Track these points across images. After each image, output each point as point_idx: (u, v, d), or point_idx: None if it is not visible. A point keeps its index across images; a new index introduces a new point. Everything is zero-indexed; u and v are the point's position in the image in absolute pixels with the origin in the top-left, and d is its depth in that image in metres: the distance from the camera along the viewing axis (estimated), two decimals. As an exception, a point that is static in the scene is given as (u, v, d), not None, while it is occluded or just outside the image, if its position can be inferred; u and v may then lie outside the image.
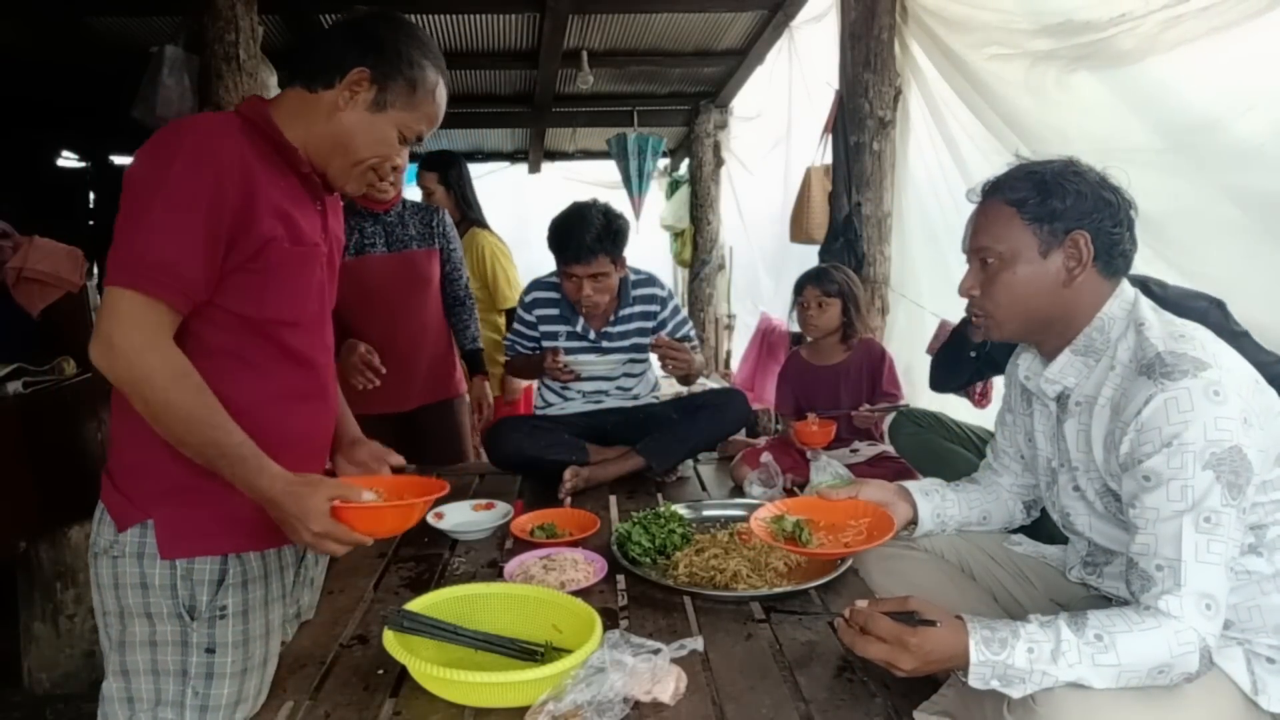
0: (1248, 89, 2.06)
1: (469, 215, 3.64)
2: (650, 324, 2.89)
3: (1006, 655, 1.16)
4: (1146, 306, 1.35)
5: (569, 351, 2.87)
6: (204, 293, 1.33)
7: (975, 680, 1.17)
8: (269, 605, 1.49)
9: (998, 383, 2.55)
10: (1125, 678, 1.14)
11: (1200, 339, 1.25)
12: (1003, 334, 1.43)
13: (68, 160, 7.06)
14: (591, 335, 2.85)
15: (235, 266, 1.35)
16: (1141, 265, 2.27)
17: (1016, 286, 1.35)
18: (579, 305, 2.76)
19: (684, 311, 3.03)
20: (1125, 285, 1.38)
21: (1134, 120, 2.40)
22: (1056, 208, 1.31)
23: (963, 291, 1.43)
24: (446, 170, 3.61)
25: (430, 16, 4.89)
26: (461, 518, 2.39)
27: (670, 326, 2.91)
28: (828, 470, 2.60)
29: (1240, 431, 1.16)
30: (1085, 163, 1.37)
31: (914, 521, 1.63)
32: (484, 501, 2.49)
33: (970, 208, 1.47)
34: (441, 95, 1.49)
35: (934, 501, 1.63)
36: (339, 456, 1.64)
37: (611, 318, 2.85)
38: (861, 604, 1.31)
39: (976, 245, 1.40)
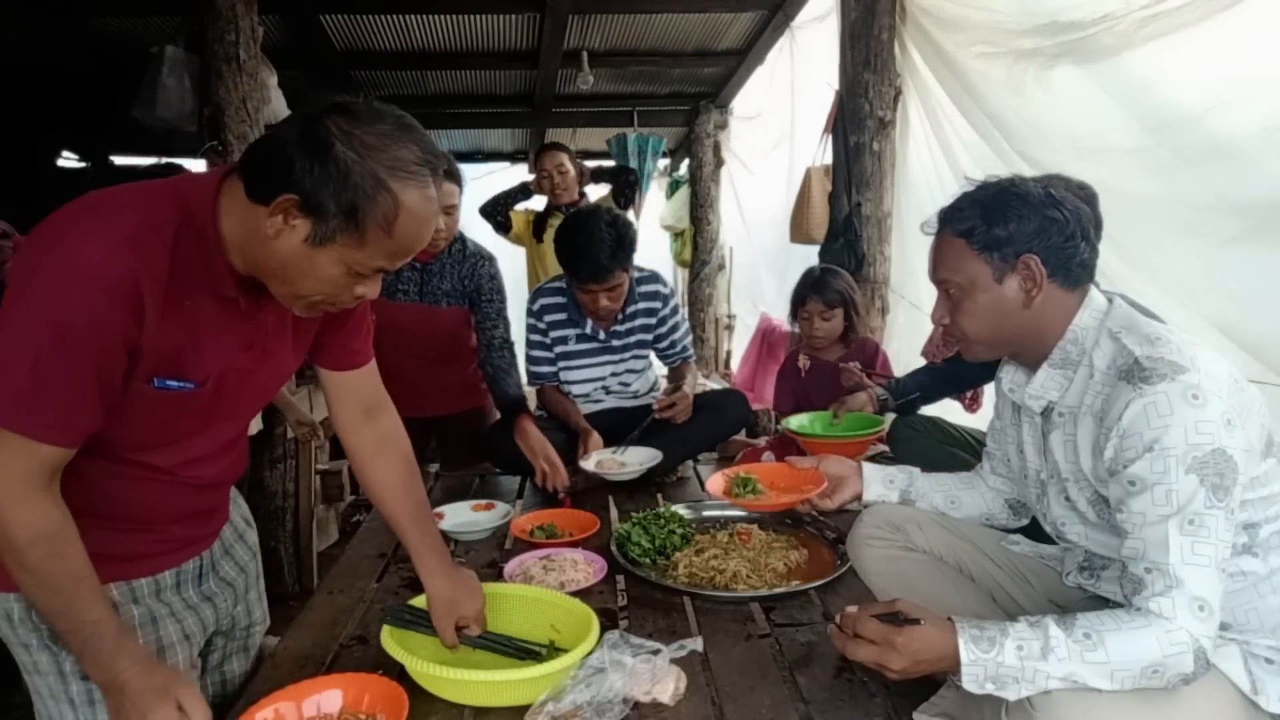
0: (1217, 85, 2.07)
1: None
2: (653, 320, 2.91)
3: (996, 653, 1.16)
4: (1122, 311, 1.36)
5: (579, 354, 2.88)
6: (97, 427, 1.18)
7: (969, 683, 1.17)
8: (156, 623, 1.40)
9: (989, 389, 2.60)
10: (1120, 677, 1.14)
11: (1176, 342, 1.26)
12: (977, 356, 1.47)
13: (68, 160, 7.05)
14: (601, 336, 2.86)
15: None
16: (1113, 260, 2.28)
17: (979, 313, 1.39)
18: (595, 315, 2.77)
19: (683, 312, 3.03)
20: (1095, 293, 1.39)
21: (1108, 117, 2.42)
22: (1000, 235, 1.33)
23: (935, 320, 1.48)
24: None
25: (430, 17, 4.89)
26: (461, 518, 2.39)
27: (668, 326, 2.92)
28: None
29: (1223, 433, 1.17)
30: (1029, 181, 1.39)
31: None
32: (484, 502, 2.49)
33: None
34: (414, 223, 1.16)
35: (886, 470, 1.71)
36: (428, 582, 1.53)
37: (619, 316, 2.86)
38: (851, 610, 1.32)
39: (938, 277, 1.44)
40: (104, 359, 1.13)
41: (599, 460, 2.64)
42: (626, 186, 4.39)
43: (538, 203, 4.33)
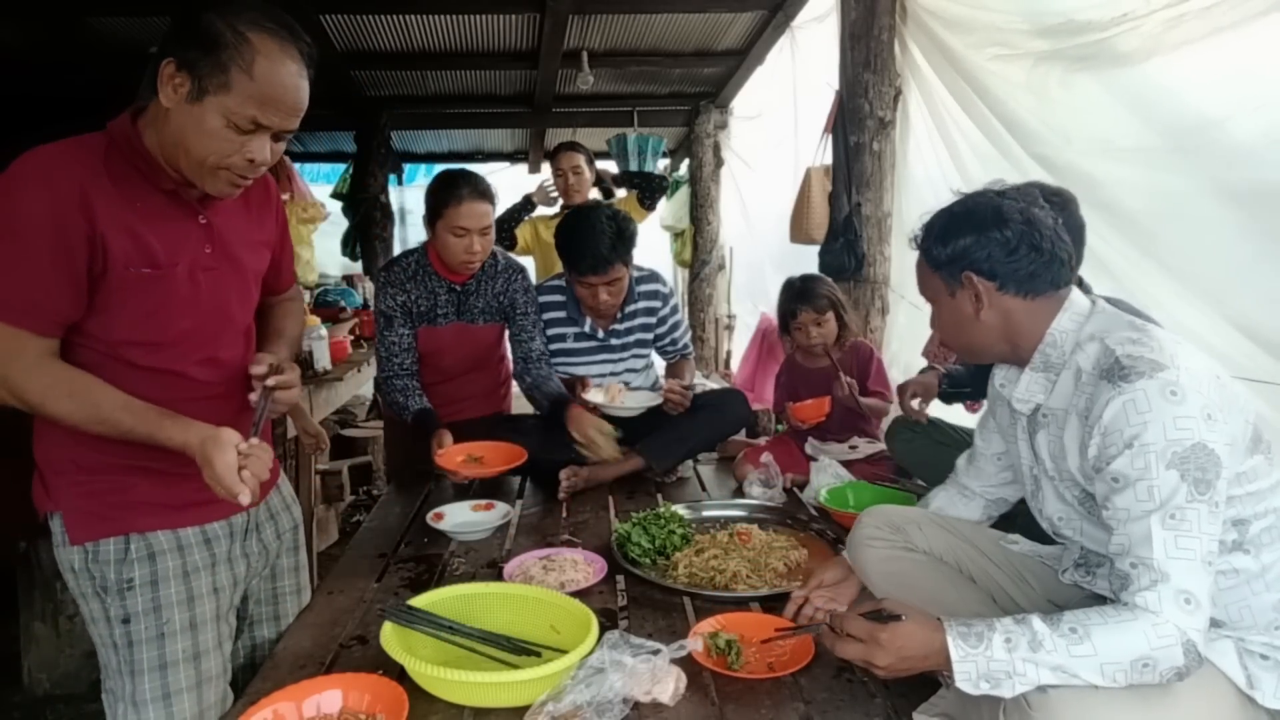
0: (1252, 89, 2.05)
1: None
2: (653, 319, 2.91)
3: (984, 648, 1.18)
4: (1107, 313, 1.38)
5: (577, 352, 2.88)
6: (72, 313, 1.36)
7: (962, 682, 1.18)
8: (189, 575, 1.53)
9: None
10: (1110, 671, 1.14)
11: (1158, 341, 1.27)
12: (965, 360, 1.57)
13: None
14: (600, 334, 2.86)
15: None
16: (1128, 266, 2.26)
17: (945, 324, 1.49)
18: (595, 311, 2.77)
19: (681, 312, 3.04)
20: (1076, 296, 1.41)
21: (1136, 120, 2.39)
22: (941, 254, 1.42)
23: (932, 326, 1.56)
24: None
25: (430, 17, 4.90)
26: (461, 518, 2.39)
27: (668, 325, 2.93)
28: (828, 471, 2.60)
29: (1203, 428, 1.18)
30: (984, 195, 1.44)
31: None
32: (484, 502, 2.49)
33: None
34: (271, 67, 1.33)
35: None
36: None
37: (619, 315, 2.86)
38: (840, 609, 1.33)
39: (919, 290, 1.54)
40: (61, 245, 1.31)
41: (596, 401, 2.68)
42: (655, 190, 4.41)
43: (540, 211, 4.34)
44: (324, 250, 6.01)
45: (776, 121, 5.51)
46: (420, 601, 1.64)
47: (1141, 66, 2.30)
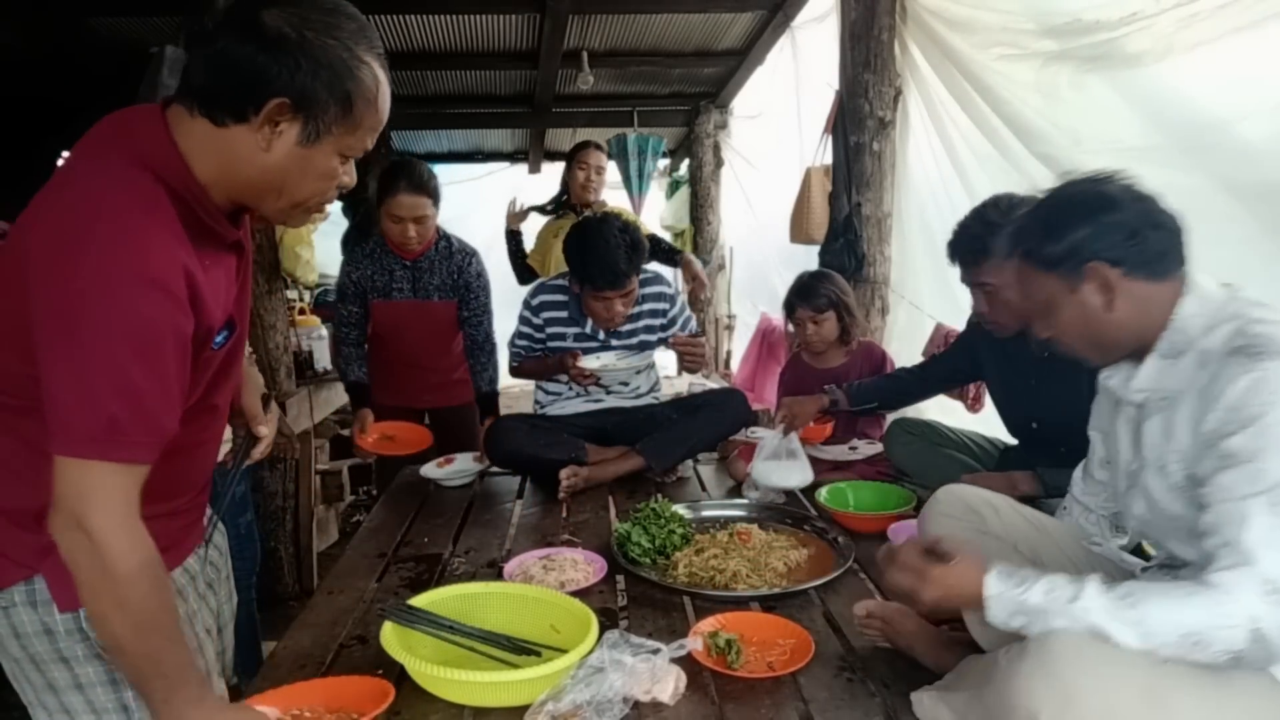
0: (1267, 90, 2.02)
1: None
2: (658, 321, 2.90)
3: (1023, 592, 1.18)
4: (1242, 300, 1.31)
5: (582, 353, 2.88)
6: (178, 424, 1.13)
7: (995, 613, 1.20)
8: (190, 620, 1.37)
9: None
10: (1152, 640, 1.11)
11: None
12: (1092, 363, 1.44)
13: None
14: (601, 335, 2.86)
15: None
16: None
17: (1069, 324, 1.38)
18: (605, 321, 2.76)
19: (688, 309, 3.03)
20: (1204, 283, 1.34)
21: (1148, 121, 2.36)
22: (1055, 251, 1.33)
23: (1041, 334, 1.44)
24: None
25: (430, 17, 4.90)
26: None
27: (679, 324, 2.92)
28: (769, 446, 2.54)
29: None
30: (1079, 185, 1.37)
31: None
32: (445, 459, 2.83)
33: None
34: (385, 90, 1.18)
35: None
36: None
37: None
38: (897, 542, 1.37)
39: (1021, 297, 1.45)
40: (179, 354, 1.09)
41: (592, 368, 2.75)
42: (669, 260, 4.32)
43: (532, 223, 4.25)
44: (324, 250, 5.99)
45: (778, 121, 5.50)
46: (420, 601, 1.64)
47: (1154, 67, 2.28)
